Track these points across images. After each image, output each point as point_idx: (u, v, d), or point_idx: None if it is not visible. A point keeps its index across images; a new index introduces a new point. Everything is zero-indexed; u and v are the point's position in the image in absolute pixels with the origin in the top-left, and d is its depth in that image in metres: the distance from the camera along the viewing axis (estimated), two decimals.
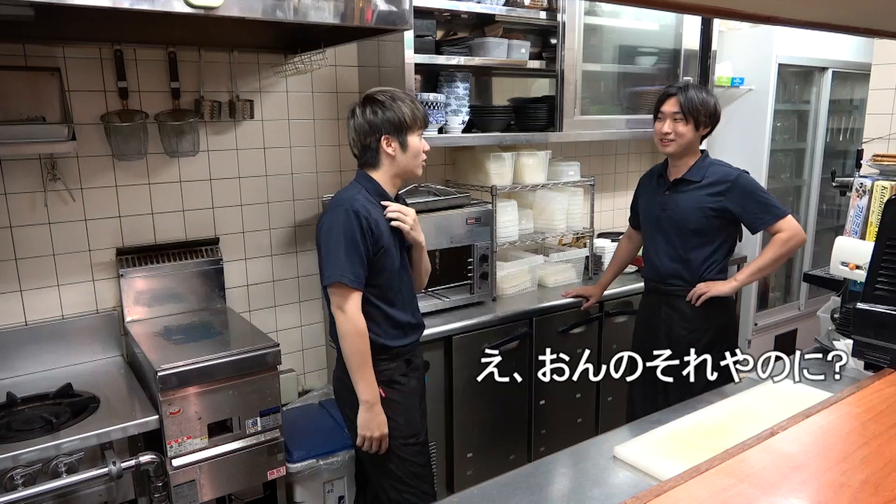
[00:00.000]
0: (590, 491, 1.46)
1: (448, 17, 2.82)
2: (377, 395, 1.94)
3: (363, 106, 1.95)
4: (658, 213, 2.47)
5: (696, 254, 2.39)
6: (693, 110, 2.32)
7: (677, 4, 1.18)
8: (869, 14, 1.19)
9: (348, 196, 1.93)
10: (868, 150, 2.71)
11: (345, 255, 1.85)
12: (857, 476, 1.06)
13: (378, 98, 1.94)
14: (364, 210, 1.89)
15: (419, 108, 1.97)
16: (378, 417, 1.95)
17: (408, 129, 1.94)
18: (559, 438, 2.92)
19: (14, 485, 1.77)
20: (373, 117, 1.93)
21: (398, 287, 2.00)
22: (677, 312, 2.43)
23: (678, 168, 2.43)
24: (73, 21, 2.11)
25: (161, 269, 2.47)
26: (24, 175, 2.23)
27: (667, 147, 2.38)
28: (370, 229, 1.89)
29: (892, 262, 1.59)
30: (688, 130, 2.34)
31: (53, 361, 2.32)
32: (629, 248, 2.81)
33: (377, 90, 1.98)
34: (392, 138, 1.94)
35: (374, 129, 1.94)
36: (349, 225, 1.86)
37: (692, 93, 2.34)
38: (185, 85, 2.43)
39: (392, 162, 1.97)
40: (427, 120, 2.02)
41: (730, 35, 3.80)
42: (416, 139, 1.97)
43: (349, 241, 1.86)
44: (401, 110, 1.92)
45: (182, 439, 2.03)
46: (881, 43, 2.92)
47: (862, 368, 1.87)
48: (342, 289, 1.87)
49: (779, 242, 2.31)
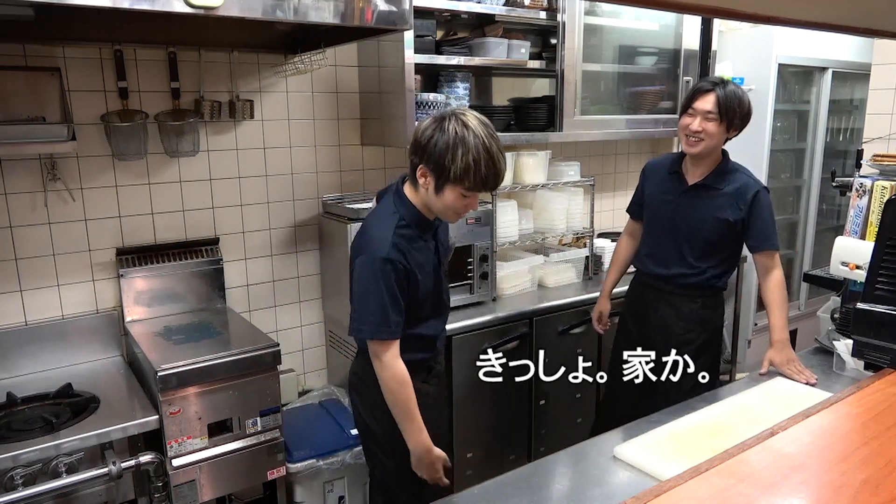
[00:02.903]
0: (590, 491, 1.46)
1: (448, 17, 2.82)
2: (425, 444, 1.80)
3: (441, 121, 1.67)
4: (670, 213, 2.32)
5: (704, 263, 2.29)
6: (730, 110, 2.14)
7: (677, 4, 1.18)
8: (869, 14, 1.19)
9: (383, 237, 1.73)
10: (868, 150, 2.71)
11: (381, 308, 1.71)
12: (857, 476, 1.06)
13: (452, 127, 1.65)
14: (398, 256, 1.72)
15: (483, 170, 1.64)
16: (433, 463, 1.82)
17: (448, 180, 1.67)
18: (559, 438, 2.91)
19: (14, 485, 1.77)
20: (428, 141, 1.67)
21: (426, 304, 1.87)
22: (676, 311, 2.35)
23: (698, 170, 2.27)
24: (73, 21, 2.11)
25: (161, 269, 2.47)
26: (24, 175, 2.23)
27: (693, 147, 2.19)
28: (406, 275, 1.74)
29: (892, 262, 1.59)
30: (719, 131, 2.16)
31: (53, 361, 2.32)
32: (631, 246, 2.59)
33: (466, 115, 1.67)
34: (430, 174, 1.70)
35: (420, 152, 1.70)
36: (387, 276, 1.70)
37: (730, 91, 2.15)
38: (185, 85, 2.43)
39: (425, 193, 1.75)
40: (486, 185, 1.69)
41: (730, 35, 3.80)
42: (453, 193, 1.69)
43: (387, 291, 1.71)
44: (455, 158, 1.63)
45: (182, 439, 2.03)
46: (881, 43, 2.92)
47: (862, 368, 1.87)
48: (381, 342, 1.75)
49: (781, 285, 2.23)
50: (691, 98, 2.21)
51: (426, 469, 1.84)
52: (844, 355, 2.03)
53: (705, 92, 2.17)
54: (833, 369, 2.08)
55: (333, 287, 2.79)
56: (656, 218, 2.40)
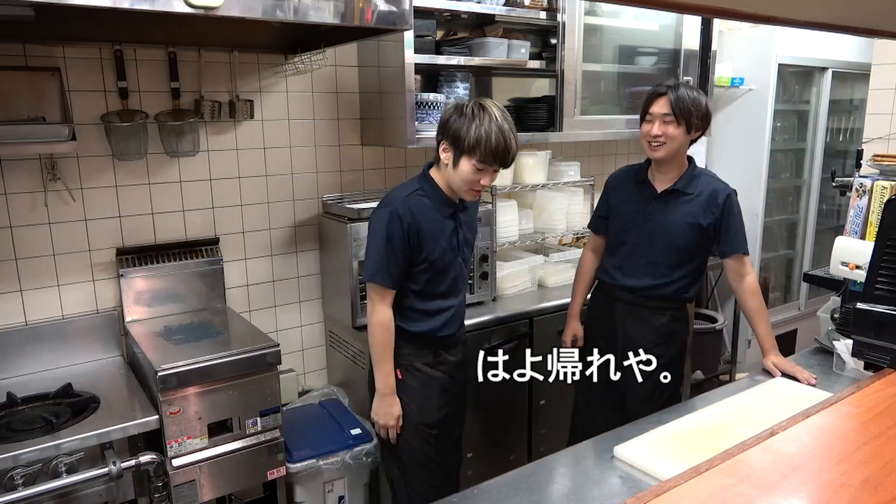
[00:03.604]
0: (590, 491, 1.46)
1: (448, 17, 2.82)
2: (391, 387, 2.01)
3: (462, 106, 1.91)
4: (641, 222, 2.26)
5: (678, 272, 2.23)
6: (685, 111, 2.12)
7: (677, 4, 1.18)
8: (869, 14, 1.19)
9: (398, 196, 1.96)
10: (868, 150, 2.71)
11: (383, 257, 1.93)
12: (857, 476, 1.06)
13: (471, 107, 1.89)
14: (408, 214, 1.92)
15: (493, 141, 1.85)
16: (390, 408, 2.01)
17: (463, 151, 1.88)
18: (559, 438, 2.91)
19: (14, 485, 1.77)
20: (448, 118, 1.91)
21: (438, 280, 2.03)
22: (646, 325, 2.27)
23: (666, 176, 2.23)
24: (73, 21, 2.11)
25: (161, 269, 2.47)
26: (24, 175, 2.23)
27: (656, 151, 2.17)
28: (412, 233, 1.93)
29: (892, 262, 1.59)
30: (679, 133, 2.14)
31: (53, 361, 2.32)
32: (595, 262, 2.47)
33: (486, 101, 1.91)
34: (449, 148, 1.92)
35: (441, 130, 1.93)
36: (392, 227, 1.91)
37: (683, 92, 2.15)
38: (185, 85, 2.43)
39: (445, 169, 1.96)
40: (496, 158, 1.89)
41: (730, 35, 3.80)
42: (468, 165, 1.89)
43: (389, 243, 1.92)
44: (469, 129, 1.86)
45: (182, 439, 2.03)
46: (881, 43, 2.92)
47: (862, 368, 1.87)
48: (376, 286, 1.96)
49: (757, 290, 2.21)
50: (647, 103, 2.20)
51: (382, 413, 2.02)
52: (844, 355, 2.03)
53: (658, 96, 2.16)
54: (833, 369, 2.08)
55: (333, 287, 2.79)
56: (626, 229, 2.31)
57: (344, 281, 2.57)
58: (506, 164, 1.94)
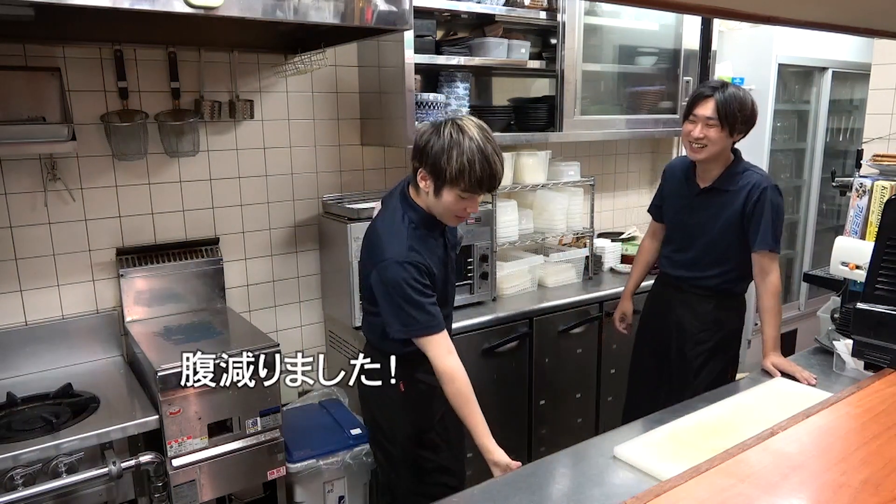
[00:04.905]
0: (590, 491, 1.46)
1: (448, 17, 2.82)
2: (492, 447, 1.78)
3: (438, 126, 1.73)
4: (684, 217, 2.34)
5: (718, 268, 2.29)
6: (730, 115, 2.11)
7: (677, 4, 1.18)
8: (869, 14, 1.19)
9: (399, 242, 1.77)
10: (868, 150, 2.71)
11: (420, 307, 1.74)
12: (857, 476, 1.06)
13: (448, 130, 1.71)
14: (418, 256, 1.76)
15: (478, 170, 1.68)
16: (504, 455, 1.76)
17: (445, 182, 1.72)
18: (559, 438, 2.91)
19: (14, 485, 1.77)
20: (426, 144, 1.72)
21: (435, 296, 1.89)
22: (692, 311, 2.36)
23: (708, 174, 2.26)
24: (73, 21, 2.12)
25: (161, 269, 2.47)
26: (24, 175, 2.23)
27: (697, 154, 2.19)
28: (430, 273, 1.80)
29: (892, 262, 1.59)
30: (721, 137, 2.13)
31: (53, 361, 2.32)
32: (653, 247, 2.58)
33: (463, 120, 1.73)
34: (429, 177, 1.74)
35: (419, 155, 1.75)
36: (413, 279, 1.74)
37: (730, 95, 2.11)
38: (185, 85, 2.43)
39: (426, 197, 1.79)
40: (482, 186, 1.72)
41: (730, 35, 3.80)
42: (451, 195, 1.73)
43: (415, 294, 1.74)
44: (450, 159, 1.68)
45: (182, 439, 2.03)
46: (881, 43, 2.92)
47: (862, 368, 1.87)
48: (435, 337, 1.77)
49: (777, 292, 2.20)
50: (692, 104, 2.20)
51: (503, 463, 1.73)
52: (844, 355, 2.03)
53: (705, 98, 2.15)
54: (833, 369, 2.08)
55: (333, 287, 2.79)
56: (673, 222, 2.43)
57: (344, 281, 2.57)
58: (493, 189, 1.79)
